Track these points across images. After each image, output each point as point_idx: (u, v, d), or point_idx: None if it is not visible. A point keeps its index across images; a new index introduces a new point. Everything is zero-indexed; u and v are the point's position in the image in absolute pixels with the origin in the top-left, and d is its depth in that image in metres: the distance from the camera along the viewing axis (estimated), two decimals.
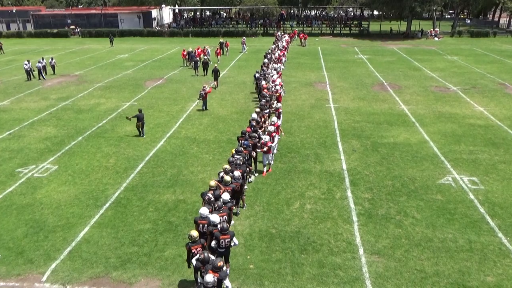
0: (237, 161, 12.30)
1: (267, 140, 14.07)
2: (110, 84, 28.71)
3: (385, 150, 16.44)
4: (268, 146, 14.02)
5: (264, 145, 14.07)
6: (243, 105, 22.95)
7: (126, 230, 11.32)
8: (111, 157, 16.22)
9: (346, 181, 13.89)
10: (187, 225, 11.44)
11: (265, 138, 14.07)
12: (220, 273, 7.92)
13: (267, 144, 14.07)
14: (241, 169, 12.10)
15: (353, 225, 11.41)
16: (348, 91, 25.68)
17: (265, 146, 14.06)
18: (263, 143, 14.05)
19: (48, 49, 46.34)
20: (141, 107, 22.88)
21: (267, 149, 14.07)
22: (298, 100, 23.75)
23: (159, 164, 15.50)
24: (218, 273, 7.85)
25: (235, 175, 11.60)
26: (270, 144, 14.08)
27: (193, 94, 24.81)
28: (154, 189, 13.60)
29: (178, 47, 46.35)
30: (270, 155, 14.35)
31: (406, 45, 46.68)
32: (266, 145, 14.05)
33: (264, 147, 14.07)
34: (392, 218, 11.69)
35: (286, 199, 12.81)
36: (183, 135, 18.49)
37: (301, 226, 11.35)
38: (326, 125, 19.38)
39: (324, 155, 16.04)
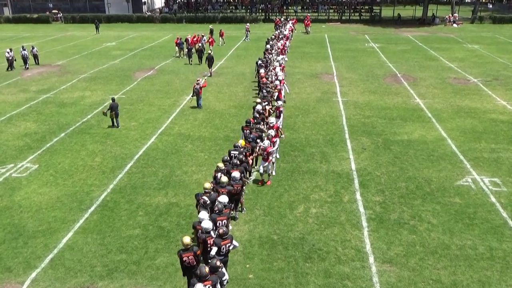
0: (233, 160, 12.21)
1: (266, 145, 13.43)
2: (95, 75, 28.68)
3: (398, 148, 16.45)
4: (269, 152, 13.44)
5: (263, 151, 13.46)
6: (242, 99, 22.94)
7: (113, 236, 11.34)
8: (96, 156, 16.22)
9: (355, 183, 13.90)
10: (180, 231, 11.46)
11: (265, 143, 13.48)
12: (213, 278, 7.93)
13: (267, 149, 13.43)
14: (239, 169, 12.05)
15: (363, 231, 11.42)
16: (357, 83, 25.65)
17: (265, 152, 13.44)
18: (262, 149, 13.45)
19: (28, 36, 46.30)
20: (130, 100, 22.90)
21: (266, 156, 13.47)
22: (303, 93, 23.73)
23: (150, 163, 15.51)
24: (210, 280, 7.87)
25: (234, 176, 11.57)
26: (271, 150, 13.50)
27: (187, 87, 24.79)
28: (144, 191, 13.62)
29: (171, 34, 46.30)
30: (270, 164, 13.69)
31: (422, 32, 46.62)
32: (266, 151, 13.43)
33: (264, 153, 13.47)
34: (406, 223, 11.71)
35: (289, 202, 12.82)
36: (176, 131, 18.50)
37: (306, 232, 11.37)
38: (334, 121, 19.38)
39: (331, 153, 16.04)
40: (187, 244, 8.75)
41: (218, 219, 9.82)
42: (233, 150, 13.42)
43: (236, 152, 13.18)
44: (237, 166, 12.16)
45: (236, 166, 12.14)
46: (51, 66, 31.52)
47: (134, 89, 25.10)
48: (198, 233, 9.57)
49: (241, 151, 13.23)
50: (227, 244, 9.04)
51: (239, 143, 13.56)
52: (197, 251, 8.82)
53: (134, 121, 19.76)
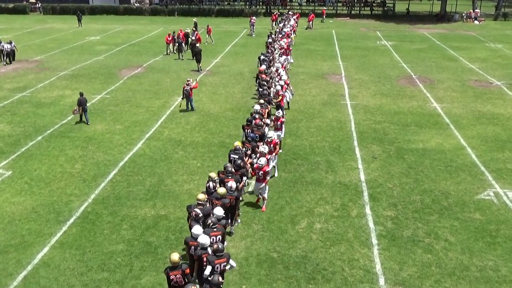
0: (228, 169, 12.16)
1: (262, 163, 12.76)
2: (77, 72, 28.75)
3: (412, 157, 16.49)
4: (265, 171, 12.75)
5: (259, 170, 12.82)
6: (240, 101, 23.00)
7: (95, 252, 11.33)
8: (77, 162, 16.23)
9: (365, 195, 13.92)
10: (169, 247, 11.46)
11: (261, 160, 12.82)
12: None
13: (263, 169, 12.76)
14: (234, 178, 12.00)
15: (373, 249, 11.43)
16: (368, 85, 25.76)
17: (261, 171, 12.78)
18: (257, 168, 12.84)
19: (2, 29, 46.42)
20: (115, 101, 22.93)
21: (262, 176, 12.81)
22: (307, 96, 23.80)
23: (136, 171, 15.52)
24: None
25: (229, 186, 11.59)
26: (267, 169, 12.85)
27: (179, 86, 24.84)
28: (130, 202, 13.62)
29: (162, 28, 46.48)
30: (263, 185, 12.93)
31: (440, 29, 46.90)
32: (262, 170, 12.77)
33: (260, 172, 12.81)
34: (420, 241, 11.72)
35: (291, 216, 12.83)
36: (165, 136, 18.52)
37: (309, 250, 11.37)
38: (341, 126, 19.44)
39: (337, 163, 16.08)
40: (175, 261, 8.75)
41: (211, 234, 9.80)
42: (233, 153, 13.55)
43: (236, 156, 13.32)
44: (232, 174, 12.13)
45: (231, 174, 12.11)
46: (27, 62, 31.58)
47: (119, 89, 25.15)
48: (190, 249, 9.56)
49: (241, 156, 13.35)
50: (222, 263, 9.03)
51: (236, 144, 13.67)
52: (186, 269, 8.81)
53: (119, 124, 19.78)
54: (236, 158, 13.23)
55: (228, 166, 12.28)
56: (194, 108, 21.49)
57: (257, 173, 12.89)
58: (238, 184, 11.95)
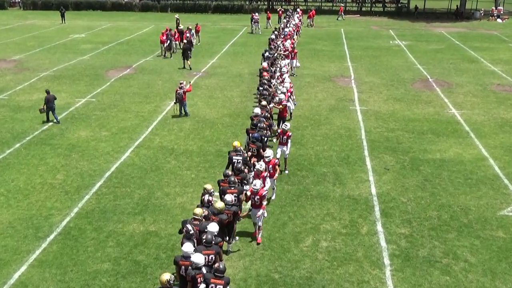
0: (230, 178, 12.20)
1: (257, 187, 12.03)
2: (60, 73, 28.84)
3: (429, 169, 16.51)
4: (261, 195, 12.02)
5: (254, 195, 12.04)
6: (239, 105, 23.04)
7: (77, 271, 11.31)
8: (58, 172, 16.25)
9: (376, 211, 13.93)
10: (160, 266, 11.44)
11: (256, 183, 12.07)
12: None
13: (259, 193, 12.01)
14: (235, 189, 12.05)
15: (385, 270, 11.41)
16: (380, 88, 25.83)
17: (257, 196, 11.99)
18: (252, 191, 12.07)
19: None
20: (102, 105, 22.98)
21: (259, 201, 12.04)
22: (313, 100, 23.86)
23: (124, 182, 15.53)
24: None
25: (227, 200, 11.60)
26: (263, 192, 12.12)
27: (171, 89, 24.91)
28: (116, 216, 13.61)
29: (153, 25, 46.71)
30: (261, 212, 12.24)
31: (459, 28, 47.10)
32: (258, 195, 12.00)
33: (255, 197, 12.01)
34: (438, 261, 11.71)
35: (295, 233, 12.83)
36: (156, 144, 18.56)
37: (314, 271, 11.36)
38: (350, 134, 19.48)
39: (346, 174, 16.09)
40: (164, 283, 8.74)
41: (204, 252, 9.77)
42: (235, 154, 13.72)
43: (239, 158, 13.52)
44: (235, 185, 12.16)
45: (234, 185, 12.13)
46: (5, 61, 31.69)
47: (106, 92, 25.21)
48: (181, 269, 9.56)
49: (245, 158, 13.56)
50: (219, 285, 9.01)
51: (236, 144, 13.88)
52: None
53: (106, 131, 19.82)
54: (240, 159, 13.47)
55: (230, 175, 12.39)
56: (188, 113, 21.52)
57: (252, 198, 12.12)
58: (240, 196, 12.02)
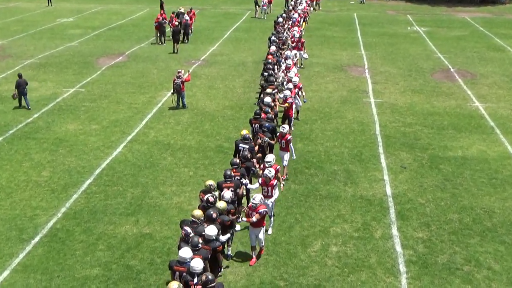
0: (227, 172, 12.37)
1: (257, 202, 11.42)
2: (45, 60, 28.87)
3: (449, 168, 16.47)
4: (260, 212, 11.35)
5: (253, 211, 11.41)
6: (241, 97, 23.03)
7: (64, 277, 11.34)
8: (44, 169, 16.28)
9: (391, 213, 13.91)
10: (154, 272, 11.46)
11: (256, 198, 11.48)
12: None
13: (257, 209, 11.35)
14: (232, 183, 12.14)
15: (400, 278, 11.40)
16: (396, 79, 25.76)
17: (255, 212, 11.37)
18: (251, 208, 11.47)
19: None
20: (91, 95, 22.98)
21: (257, 218, 11.35)
22: (323, 91, 23.82)
23: (116, 180, 15.55)
24: None
25: (224, 197, 11.61)
26: (262, 210, 11.41)
27: (168, 79, 24.91)
28: (107, 217, 13.64)
29: (148, 8, 46.65)
30: (261, 232, 11.63)
31: (484, 13, 46.86)
32: (255, 211, 11.36)
33: (253, 214, 11.37)
34: (458, 269, 11.69)
35: (302, 237, 12.83)
36: (151, 138, 18.57)
37: (323, 278, 11.36)
38: (363, 129, 19.45)
39: (359, 173, 16.08)
40: None
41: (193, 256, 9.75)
42: (242, 143, 14.08)
43: (246, 146, 13.83)
44: (232, 179, 12.31)
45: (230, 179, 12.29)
46: None
47: (97, 81, 25.21)
48: (175, 275, 9.58)
49: (252, 147, 13.92)
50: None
51: (245, 133, 14.29)
52: None
53: (96, 124, 19.84)
54: (246, 148, 13.74)
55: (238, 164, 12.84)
56: (186, 105, 21.52)
57: (251, 215, 11.48)
58: (237, 190, 12.16)
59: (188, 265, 9.38)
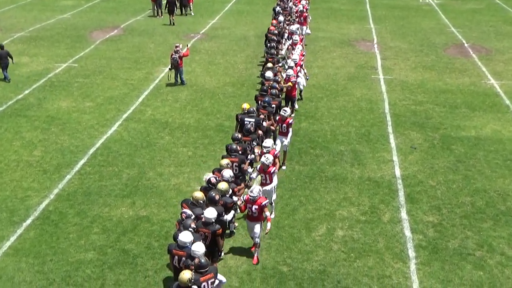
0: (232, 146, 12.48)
1: (255, 194, 10.84)
2: (36, 34, 28.72)
3: (462, 148, 16.43)
4: (260, 205, 10.88)
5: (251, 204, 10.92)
6: (243, 73, 22.92)
7: (57, 261, 11.39)
8: (36, 148, 16.28)
9: (400, 196, 13.90)
10: (151, 256, 11.50)
11: (254, 190, 10.92)
12: None
13: (257, 202, 10.85)
14: (237, 158, 12.26)
15: (409, 263, 11.43)
16: (407, 55, 25.62)
17: (255, 205, 10.87)
18: (248, 200, 10.95)
19: None
20: (85, 71, 22.89)
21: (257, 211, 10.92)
22: (329, 67, 23.69)
23: (111, 160, 15.55)
24: None
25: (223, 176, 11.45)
26: (265, 202, 10.99)
27: (165, 54, 24.77)
28: (102, 199, 13.66)
29: None
30: (258, 227, 11.12)
31: None
32: (257, 204, 10.86)
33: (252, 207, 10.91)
34: (470, 254, 11.71)
35: (306, 220, 12.85)
36: (148, 116, 18.53)
37: (328, 263, 11.39)
38: (372, 108, 19.39)
39: (366, 153, 16.05)
40: (187, 281, 8.60)
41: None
42: (247, 116, 14.19)
43: (251, 120, 14.02)
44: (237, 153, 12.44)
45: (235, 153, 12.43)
46: None
47: (90, 56, 25.10)
48: (174, 260, 9.59)
49: (259, 120, 14.11)
50: (210, 280, 9.03)
51: (245, 106, 14.52)
52: None
53: (90, 101, 19.80)
54: (253, 122, 13.96)
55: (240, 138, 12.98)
56: (184, 81, 21.45)
57: (249, 208, 11.06)
58: (241, 166, 12.25)
59: (189, 249, 9.39)
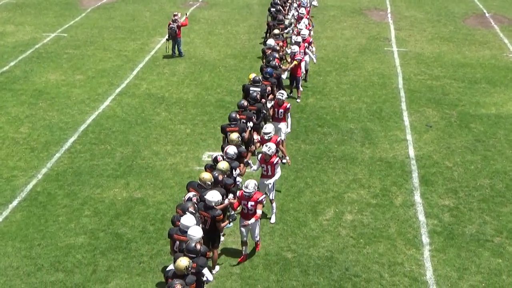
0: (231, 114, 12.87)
1: (250, 190, 10.42)
2: (22, 1, 28.54)
3: (481, 127, 16.37)
4: (257, 201, 10.49)
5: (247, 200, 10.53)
6: (246, 44, 22.81)
7: (46, 246, 11.41)
8: (22, 124, 16.26)
9: (414, 177, 13.88)
10: (146, 241, 11.52)
11: (249, 186, 10.46)
12: None
13: (253, 197, 10.47)
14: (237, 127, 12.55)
15: (423, 250, 11.44)
16: (423, 25, 25.46)
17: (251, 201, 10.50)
18: (242, 197, 10.54)
19: None
20: (75, 41, 22.79)
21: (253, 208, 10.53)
22: (339, 39, 23.55)
23: (103, 138, 15.53)
24: None
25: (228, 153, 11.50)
26: (261, 197, 10.59)
27: (162, 23, 24.65)
28: (94, 179, 13.66)
29: None
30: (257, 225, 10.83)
31: None
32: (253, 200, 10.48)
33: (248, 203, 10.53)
34: (488, 240, 11.70)
35: (313, 203, 12.85)
36: (143, 91, 18.47)
37: (336, 250, 11.41)
38: (384, 83, 19.29)
39: (378, 132, 16.01)
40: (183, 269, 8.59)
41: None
42: (252, 86, 14.47)
43: (257, 89, 14.24)
44: (236, 122, 12.76)
45: (235, 122, 12.74)
46: None
47: (81, 25, 24.97)
48: (175, 245, 9.61)
49: (264, 89, 14.39)
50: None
51: (254, 76, 14.81)
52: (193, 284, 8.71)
53: (80, 74, 19.74)
54: (258, 91, 14.13)
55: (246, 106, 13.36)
56: (182, 53, 21.37)
57: (244, 205, 10.68)
58: (242, 134, 12.49)
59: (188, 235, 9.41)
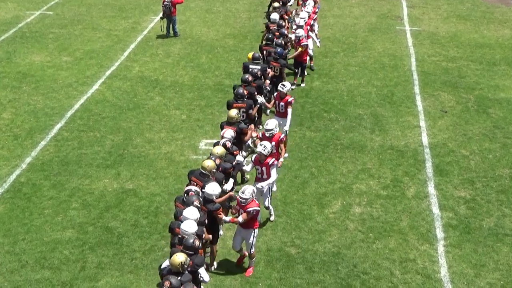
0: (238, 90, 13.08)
1: (247, 197, 10.14)
2: None
3: (500, 112, 16.33)
4: (249, 211, 10.12)
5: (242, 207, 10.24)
6: (246, 23, 22.76)
7: (31, 240, 11.42)
8: (5, 109, 16.23)
9: (428, 167, 13.86)
10: (139, 236, 11.51)
11: (245, 192, 10.19)
12: None
13: (246, 206, 10.16)
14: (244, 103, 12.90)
15: (437, 245, 11.43)
16: (438, 2, 25.39)
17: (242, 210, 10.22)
18: (239, 203, 10.34)
19: None
20: (61, 20, 22.71)
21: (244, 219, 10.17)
22: (347, 17, 23.49)
23: (92, 125, 15.51)
24: None
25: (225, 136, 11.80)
26: (252, 208, 10.14)
27: (155, 0, 24.56)
28: (82, 169, 13.65)
29: None
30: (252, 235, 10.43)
31: None
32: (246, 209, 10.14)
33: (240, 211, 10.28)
34: (508, 234, 11.70)
35: (318, 195, 12.83)
36: (135, 73, 18.44)
37: (343, 245, 11.40)
38: (396, 64, 19.25)
39: (389, 118, 15.97)
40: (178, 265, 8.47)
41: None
42: (252, 63, 14.67)
43: (257, 67, 14.49)
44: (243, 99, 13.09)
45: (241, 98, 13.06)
46: None
47: (68, 2, 24.89)
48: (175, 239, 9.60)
49: (264, 67, 14.60)
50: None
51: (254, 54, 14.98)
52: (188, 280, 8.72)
53: (67, 55, 19.71)
54: (258, 68, 14.34)
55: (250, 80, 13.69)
56: (177, 32, 21.33)
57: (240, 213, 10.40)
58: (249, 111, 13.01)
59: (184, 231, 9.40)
